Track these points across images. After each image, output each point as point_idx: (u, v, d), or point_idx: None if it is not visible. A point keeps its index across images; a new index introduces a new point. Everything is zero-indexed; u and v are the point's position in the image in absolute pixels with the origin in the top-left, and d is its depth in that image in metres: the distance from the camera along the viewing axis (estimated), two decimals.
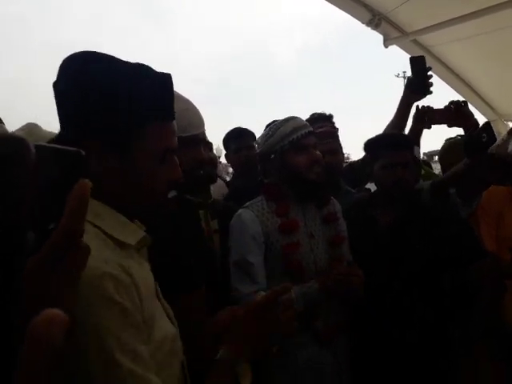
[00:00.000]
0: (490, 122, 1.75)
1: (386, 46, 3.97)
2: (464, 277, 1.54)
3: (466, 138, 1.75)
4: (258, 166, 1.63)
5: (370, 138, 1.82)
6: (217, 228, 1.52)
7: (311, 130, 1.50)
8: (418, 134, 2.00)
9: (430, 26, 3.60)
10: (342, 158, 2.13)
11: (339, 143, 2.09)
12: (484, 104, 4.81)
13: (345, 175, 2.20)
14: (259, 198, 1.53)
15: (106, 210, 0.72)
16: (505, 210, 1.76)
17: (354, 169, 2.42)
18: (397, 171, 1.60)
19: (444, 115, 1.92)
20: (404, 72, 37.45)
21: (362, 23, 3.67)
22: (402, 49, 4.07)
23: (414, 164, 1.89)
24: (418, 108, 1.97)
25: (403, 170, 1.60)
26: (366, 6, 3.56)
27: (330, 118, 2.35)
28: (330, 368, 1.46)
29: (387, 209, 1.68)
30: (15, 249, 0.71)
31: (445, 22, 3.45)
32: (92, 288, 0.59)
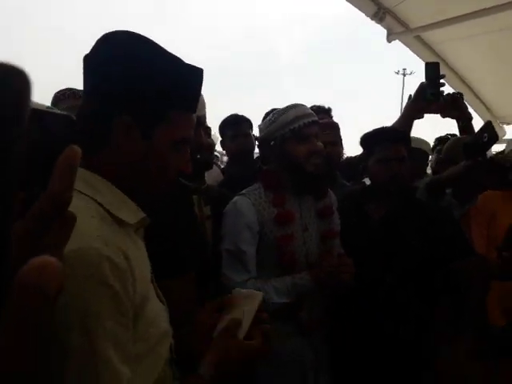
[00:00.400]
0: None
1: (388, 41, 3.94)
2: (454, 275, 1.54)
3: (467, 139, 1.73)
4: (259, 151, 1.59)
5: (366, 132, 1.80)
6: (209, 214, 1.50)
7: (315, 119, 1.45)
8: (409, 123, 1.96)
9: (434, 23, 3.58)
10: (341, 151, 2.12)
11: (339, 135, 2.08)
12: (481, 105, 4.82)
13: (341, 170, 2.19)
14: (256, 186, 1.51)
15: (108, 186, 0.72)
16: (498, 211, 1.76)
17: (351, 164, 2.41)
18: (392, 166, 1.59)
19: (438, 105, 1.91)
20: (404, 69, 37.56)
21: (367, 16, 3.63)
22: (405, 44, 4.04)
23: (422, 159, 1.88)
24: (411, 97, 1.95)
25: (399, 164, 1.59)
26: None
27: (328, 111, 2.34)
28: (310, 362, 1.46)
29: (380, 203, 1.67)
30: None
31: (449, 19, 3.43)
32: (88, 270, 0.59)
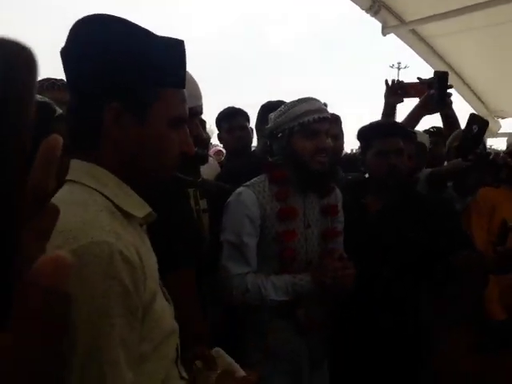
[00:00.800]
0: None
1: (383, 34, 3.94)
2: (452, 268, 1.55)
3: (460, 142, 1.74)
4: (268, 142, 1.53)
5: (364, 125, 1.80)
6: (206, 208, 1.49)
7: (327, 115, 1.40)
8: (392, 110, 2.00)
9: (429, 17, 3.58)
10: (342, 144, 2.12)
11: (341, 129, 2.08)
12: (476, 99, 4.83)
13: (342, 166, 2.20)
14: (262, 178, 1.47)
15: (113, 179, 0.70)
16: (497, 206, 1.77)
17: (351, 160, 2.42)
18: (390, 158, 1.58)
19: (416, 89, 1.91)
20: (399, 63, 37.62)
21: (362, 9, 3.62)
22: (400, 38, 4.04)
23: (421, 151, 1.89)
24: (388, 83, 1.96)
25: (396, 157, 1.59)
26: None
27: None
28: (305, 359, 1.46)
29: (378, 196, 1.67)
30: None
31: (444, 13, 3.43)
32: (100, 264, 0.57)
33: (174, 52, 0.73)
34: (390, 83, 1.98)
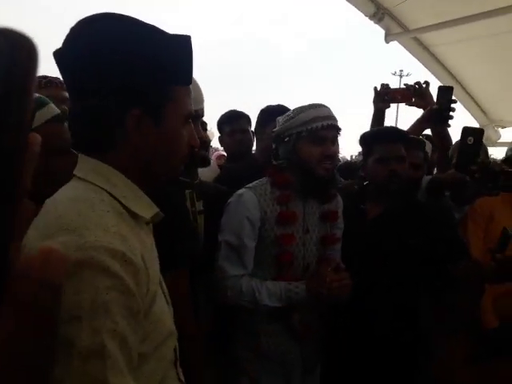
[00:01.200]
0: (483, 128, 1.77)
1: (386, 42, 3.95)
2: (449, 276, 1.55)
3: (457, 156, 1.74)
4: (273, 145, 1.52)
5: (366, 131, 1.80)
6: (201, 209, 1.49)
7: (334, 123, 1.40)
8: (381, 115, 2.00)
9: (432, 25, 3.59)
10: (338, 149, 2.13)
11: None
12: (477, 108, 4.84)
13: (341, 173, 2.19)
14: (264, 180, 1.47)
15: (123, 180, 0.69)
16: (495, 213, 1.77)
17: (351, 168, 2.43)
18: (391, 165, 1.58)
19: (402, 95, 1.92)
20: (401, 71, 37.73)
21: (366, 16, 3.64)
22: (403, 45, 4.06)
23: (423, 160, 1.89)
24: (377, 89, 1.97)
25: (397, 163, 1.58)
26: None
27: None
28: (297, 362, 1.45)
29: (378, 202, 1.67)
30: None
31: (447, 21, 3.44)
32: (103, 264, 0.56)
33: (183, 49, 0.72)
34: (379, 89, 1.99)
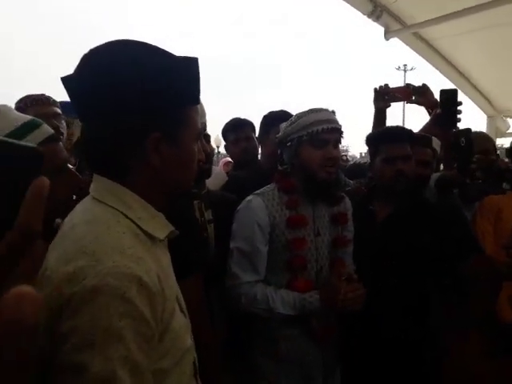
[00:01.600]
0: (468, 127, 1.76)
1: (386, 39, 3.94)
2: (460, 274, 1.54)
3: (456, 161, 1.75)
4: (278, 151, 1.54)
5: (372, 131, 1.80)
6: (211, 218, 1.51)
7: (336, 126, 1.41)
8: (382, 114, 2.01)
9: (431, 19, 3.57)
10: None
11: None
12: (483, 99, 4.80)
13: (350, 173, 2.19)
14: (272, 187, 1.48)
15: (139, 201, 0.72)
16: (503, 211, 1.75)
17: (360, 166, 2.43)
18: (397, 165, 1.58)
19: (403, 93, 1.93)
20: (405, 65, 37.41)
21: (364, 14, 3.64)
22: (403, 41, 4.05)
23: (433, 158, 1.90)
24: (376, 89, 1.98)
25: (403, 163, 1.58)
26: None
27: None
28: (318, 366, 1.45)
29: (386, 202, 1.67)
30: None
31: (447, 15, 3.43)
32: (119, 288, 0.58)
33: (193, 71, 0.74)
34: (378, 88, 2.00)
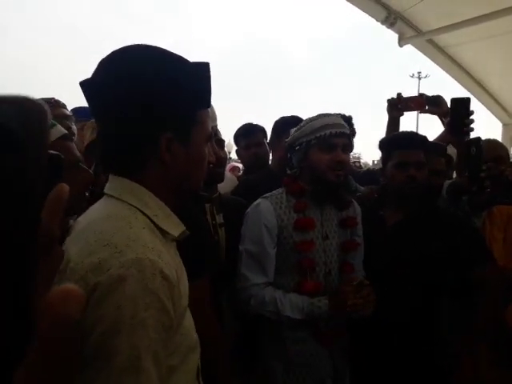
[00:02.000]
0: (479, 137, 1.74)
1: (400, 46, 3.94)
2: (469, 282, 1.52)
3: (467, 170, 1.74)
4: (288, 155, 1.56)
5: (384, 136, 1.79)
6: (222, 222, 1.52)
7: (344, 131, 1.43)
8: (396, 123, 2.02)
9: (446, 26, 3.56)
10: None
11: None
12: (499, 107, 4.75)
13: (363, 178, 2.19)
14: (280, 190, 1.51)
15: (155, 200, 0.74)
16: None
17: (373, 172, 2.43)
18: (410, 171, 1.57)
19: (416, 103, 1.94)
20: (419, 73, 37.11)
21: (377, 21, 3.64)
22: (417, 48, 4.04)
23: (447, 163, 1.88)
24: (390, 100, 2.00)
25: (416, 169, 1.57)
26: (382, 4, 3.54)
27: (349, 119, 2.32)
28: (328, 369, 1.45)
29: (396, 208, 1.66)
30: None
31: (461, 22, 3.41)
32: (143, 280, 0.60)
33: (204, 75, 0.78)
34: (391, 99, 2.01)
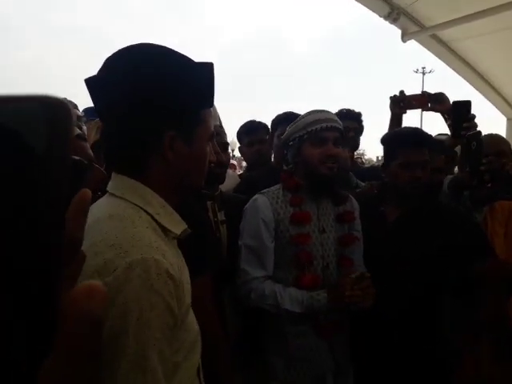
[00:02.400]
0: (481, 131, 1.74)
1: (403, 41, 3.92)
2: (469, 277, 1.52)
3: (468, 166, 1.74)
4: (284, 151, 1.59)
5: (389, 132, 1.76)
6: (223, 219, 1.53)
7: (335, 125, 1.45)
8: (398, 121, 2.02)
9: (450, 21, 3.54)
10: (346, 153, 2.10)
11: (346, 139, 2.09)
12: (503, 102, 4.71)
13: (368, 174, 2.19)
14: (277, 186, 1.54)
15: (158, 199, 0.75)
16: None
17: (378, 169, 2.42)
18: (414, 171, 1.56)
19: (418, 101, 1.94)
20: (423, 68, 36.82)
21: (380, 17, 3.62)
22: (421, 44, 4.01)
23: (451, 159, 1.87)
24: (392, 97, 2.00)
25: (421, 170, 1.56)
26: (385, 0, 3.52)
27: (358, 116, 2.32)
28: (328, 364, 1.46)
29: (397, 204, 1.65)
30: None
31: (465, 16, 3.39)
32: (148, 279, 0.61)
33: (208, 75, 0.78)
34: (394, 96, 2.01)
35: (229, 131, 1.77)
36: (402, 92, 1.99)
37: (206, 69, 0.78)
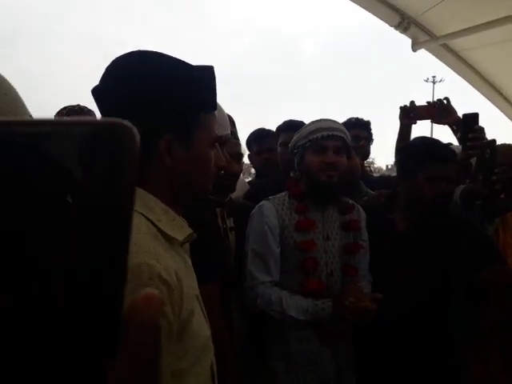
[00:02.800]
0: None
1: (414, 50, 3.92)
2: (475, 284, 1.51)
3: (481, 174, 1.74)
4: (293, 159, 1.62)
5: (417, 142, 1.72)
6: (232, 226, 1.55)
7: (337, 133, 1.47)
8: (407, 131, 2.04)
9: (460, 30, 3.53)
10: (356, 161, 2.09)
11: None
12: None
13: (381, 183, 2.20)
14: (283, 193, 1.57)
15: (160, 205, 0.75)
16: None
17: (387, 180, 2.41)
18: (441, 186, 1.55)
19: (428, 112, 1.95)
20: (433, 77, 36.78)
21: (391, 26, 3.63)
22: (431, 53, 4.01)
23: (465, 170, 1.87)
24: (402, 107, 2.01)
25: (447, 185, 1.56)
26: (396, 9, 3.54)
27: (367, 124, 2.32)
28: (331, 370, 1.46)
29: (407, 213, 1.65)
30: None
31: (476, 26, 3.38)
32: (139, 285, 0.61)
33: (208, 78, 0.78)
34: (403, 106, 2.02)
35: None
36: (412, 102, 1.99)
37: (206, 72, 0.77)
